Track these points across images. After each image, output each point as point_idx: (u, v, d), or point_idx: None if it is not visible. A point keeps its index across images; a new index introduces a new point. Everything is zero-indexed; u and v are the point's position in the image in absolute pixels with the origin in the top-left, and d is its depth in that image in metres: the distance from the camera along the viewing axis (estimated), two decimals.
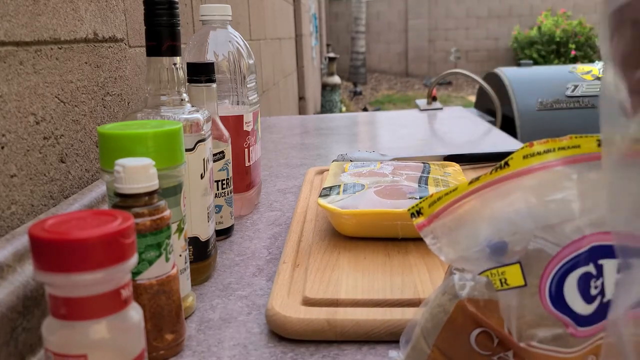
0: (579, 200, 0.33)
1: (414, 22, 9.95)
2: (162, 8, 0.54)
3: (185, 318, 0.51)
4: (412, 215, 0.38)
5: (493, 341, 0.34)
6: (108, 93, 0.72)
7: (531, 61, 3.58)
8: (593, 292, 0.32)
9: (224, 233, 0.71)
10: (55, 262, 0.32)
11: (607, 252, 0.32)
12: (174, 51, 0.55)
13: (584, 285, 0.32)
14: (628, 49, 0.29)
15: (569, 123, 2.14)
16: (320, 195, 0.67)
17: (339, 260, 0.58)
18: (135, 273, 0.43)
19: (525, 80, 2.28)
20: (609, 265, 0.32)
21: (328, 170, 0.88)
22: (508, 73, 2.29)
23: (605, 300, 0.32)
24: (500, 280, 0.33)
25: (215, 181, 0.67)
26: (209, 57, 0.73)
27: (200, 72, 0.65)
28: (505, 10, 9.33)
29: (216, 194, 0.68)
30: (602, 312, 0.32)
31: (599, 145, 0.33)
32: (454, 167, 0.81)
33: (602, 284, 0.32)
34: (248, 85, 0.76)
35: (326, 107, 6.05)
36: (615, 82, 0.30)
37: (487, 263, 0.34)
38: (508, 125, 2.11)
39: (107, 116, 0.71)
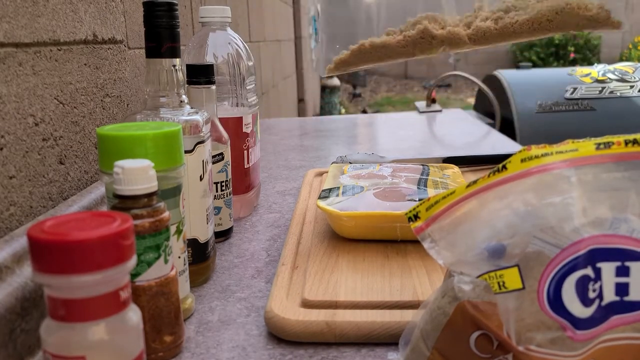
0: (577, 202, 0.33)
1: None
2: (162, 10, 0.54)
3: (184, 320, 0.50)
4: (410, 219, 0.38)
5: (493, 344, 0.34)
6: (107, 94, 0.72)
7: (530, 63, 3.58)
8: (591, 295, 0.32)
9: (223, 235, 0.71)
10: (54, 264, 0.32)
11: (606, 255, 0.32)
12: (174, 53, 0.55)
13: (582, 288, 0.32)
14: None
15: (568, 125, 2.14)
16: (320, 197, 0.67)
17: (338, 262, 0.58)
18: (134, 274, 0.43)
19: (524, 82, 2.28)
20: (608, 269, 0.32)
21: (327, 172, 0.88)
22: (507, 75, 2.28)
23: (603, 303, 0.32)
24: (499, 283, 0.33)
25: (215, 183, 0.67)
26: (209, 59, 0.74)
27: (200, 74, 0.65)
28: None
29: (215, 195, 0.68)
30: (600, 315, 0.32)
31: (597, 148, 0.33)
32: (453, 169, 0.81)
33: (601, 287, 0.32)
34: (247, 87, 0.76)
35: (325, 109, 6.04)
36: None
37: (486, 266, 0.34)
38: (507, 128, 2.11)
39: (106, 118, 0.71)
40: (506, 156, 0.35)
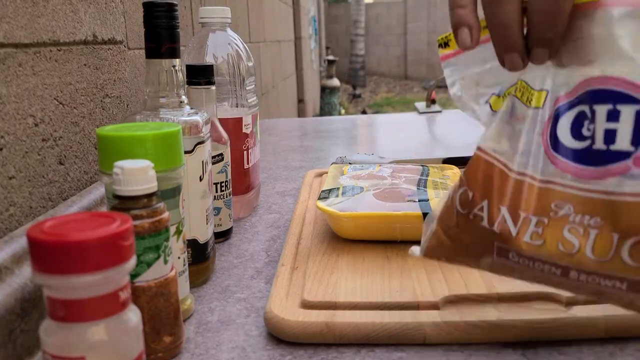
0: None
1: (413, 25, 9.97)
2: (162, 10, 0.54)
3: (184, 320, 0.50)
4: (440, 45, 0.40)
5: (469, 198, 0.39)
6: (107, 95, 0.72)
7: None
8: (586, 133, 0.33)
9: (222, 235, 0.71)
10: (54, 264, 0.32)
11: (604, 97, 0.33)
12: (173, 53, 0.55)
13: (579, 124, 0.34)
14: None
15: None
16: (319, 198, 0.67)
17: (338, 262, 0.58)
18: (134, 275, 0.43)
19: None
20: (601, 111, 0.33)
21: (327, 172, 0.88)
22: None
23: (595, 147, 0.33)
24: (528, 98, 0.36)
25: (214, 183, 0.67)
26: (208, 60, 0.74)
27: (200, 75, 0.65)
28: None
29: (215, 196, 0.68)
30: (591, 157, 0.33)
31: None
32: (453, 170, 0.81)
33: (594, 129, 0.33)
34: (247, 88, 0.76)
35: (325, 110, 6.05)
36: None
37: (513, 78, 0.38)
38: None
39: (106, 118, 0.71)
40: None
